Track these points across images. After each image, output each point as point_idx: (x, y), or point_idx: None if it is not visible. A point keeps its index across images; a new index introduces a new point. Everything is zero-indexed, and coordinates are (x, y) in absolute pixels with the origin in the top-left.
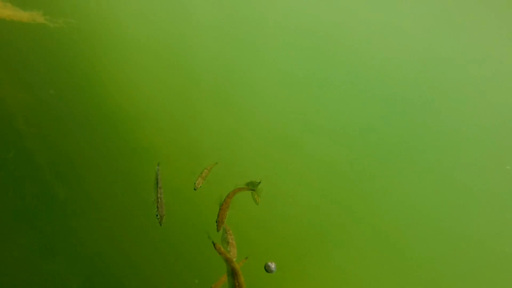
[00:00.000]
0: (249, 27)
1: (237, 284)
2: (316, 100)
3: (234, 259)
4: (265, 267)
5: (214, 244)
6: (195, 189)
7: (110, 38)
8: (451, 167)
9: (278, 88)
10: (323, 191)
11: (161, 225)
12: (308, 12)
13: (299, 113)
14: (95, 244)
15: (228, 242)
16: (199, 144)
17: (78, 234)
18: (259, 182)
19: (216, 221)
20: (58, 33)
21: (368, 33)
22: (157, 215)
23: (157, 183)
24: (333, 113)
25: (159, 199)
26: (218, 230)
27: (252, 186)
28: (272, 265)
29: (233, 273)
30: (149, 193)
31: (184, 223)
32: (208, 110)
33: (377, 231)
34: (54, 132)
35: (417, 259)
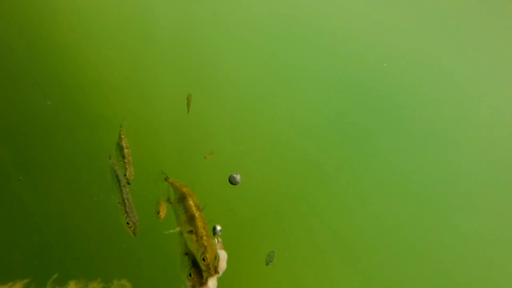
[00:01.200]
0: None
1: (192, 204)
2: (281, 77)
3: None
4: (230, 180)
5: (166, 179)
6: (129, 183)
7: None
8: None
9: (239, 57)
10: (283, 170)
11: (135, 235)
12: None
13: (261, 83)
14: (43, 214)
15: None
16: (160, 116)
17: (24, 203)
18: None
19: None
20: None
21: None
22: (128, 223)
23: (118, 181)
24: (303, 95)
25: (126, 201)
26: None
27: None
28: (238, 176)
29: (183, 197)
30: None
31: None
32: (169, 78)
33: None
34: (2, 94)
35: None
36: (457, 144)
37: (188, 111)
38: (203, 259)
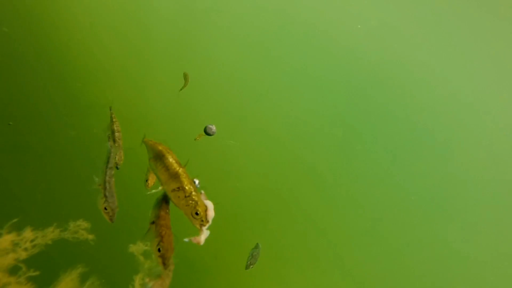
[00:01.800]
0: None
1: (173, 161)
2: (277, 76)
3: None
4: (205, 130)
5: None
6: (118, 168)
7: None
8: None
9: (234, 52)
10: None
11: (112, 222)
12: None
13: (252, 77)
14: (27, 200)
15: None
16: (153, 104)
17: (8, 185)
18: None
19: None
20: None
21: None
22: (105, 208)
23: (107, 162)
24: (299, 95)
25: (107, 185)
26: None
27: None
28: (213, 127)
29: (160, 155)
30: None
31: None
32: (162, 69)
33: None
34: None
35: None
36: (456, 154)
37: (180, 89)
38: (196, 214)
